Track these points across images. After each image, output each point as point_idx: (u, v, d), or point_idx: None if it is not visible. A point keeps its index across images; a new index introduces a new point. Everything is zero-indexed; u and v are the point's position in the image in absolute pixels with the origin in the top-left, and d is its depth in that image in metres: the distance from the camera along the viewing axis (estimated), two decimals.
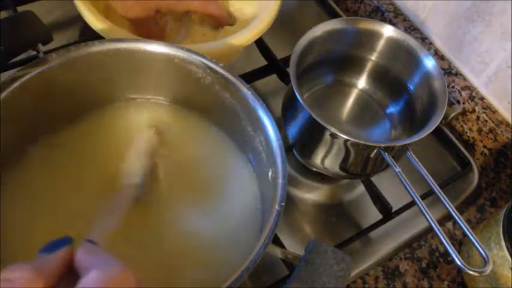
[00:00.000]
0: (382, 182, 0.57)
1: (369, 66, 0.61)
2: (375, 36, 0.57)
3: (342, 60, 0.61)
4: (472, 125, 0.65)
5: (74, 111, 0.49)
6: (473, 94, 0.64)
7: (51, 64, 0.45)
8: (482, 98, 0.64)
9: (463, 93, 0.65)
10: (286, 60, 0.55)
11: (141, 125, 0.50)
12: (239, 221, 0.47)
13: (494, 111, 0.63)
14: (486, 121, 0.62)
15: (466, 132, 0.66)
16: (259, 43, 0.65)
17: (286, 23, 0.71)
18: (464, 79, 0.66)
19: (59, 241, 0.28)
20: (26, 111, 0.44)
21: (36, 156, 0.46)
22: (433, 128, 0.49)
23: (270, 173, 0.44)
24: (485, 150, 0.64)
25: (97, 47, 0.45)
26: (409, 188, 0.47)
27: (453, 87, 0.66)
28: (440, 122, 0.50)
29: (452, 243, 0.51)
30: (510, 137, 0.61)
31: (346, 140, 0.48)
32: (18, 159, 0.45)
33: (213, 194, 0.48)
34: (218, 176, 0.49)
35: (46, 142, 0.47)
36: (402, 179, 0.48)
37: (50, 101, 0.46)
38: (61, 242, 0.28)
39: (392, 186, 0.57)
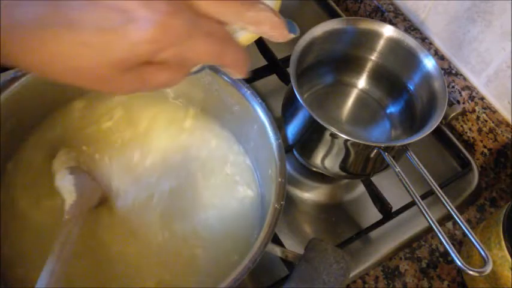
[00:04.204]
0: (382, 182, 0.57)
1: (368, 66, 0.61)
2: (375, 36, 0.57)
3: (342, 60, 0.60)
4: (472, 125, 0.65)
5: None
6: (473, 94, 0.64)
7: None
8: (482, 98, 0.64)
9: (463, 93, 0.65)
10: (286, 60, 0.55)
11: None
12: (239, 220, 0.47)
13: (494, 111, 0.63)
14: (486, 121, 0.62)
15: (466, 132, 0.66)
16: (259, 43, 0.65)
17: None
18: (464, 79, 0.66)
19: None
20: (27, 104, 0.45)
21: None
22: (433, 128, 0.49)
23: (269, 172, 0.44)
24: (485, 150, 0.64)
25: None
26: (409, 188, 0.47)
27: (453, 87, 0.66)
28: (440, 122, 0.50)
29: (452, 243, 0.50)
30: (510, 137, 0.60)
31: (346, 140, 0.48)
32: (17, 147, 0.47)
33: (213, 193, 0.48)
34: (218, 175, 0.49)
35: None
36: (402, 179, 0.48)
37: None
38: None
39: (392, 186, 0.57)
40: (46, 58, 0.25)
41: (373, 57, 0.59)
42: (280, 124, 0.51)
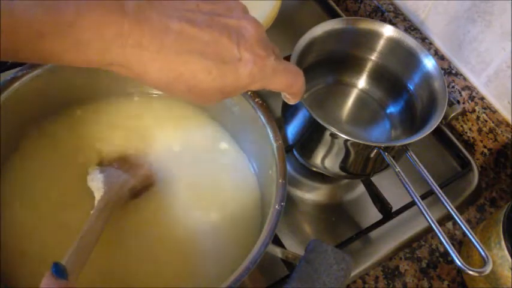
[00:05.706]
0: (382, 182, 0.57)
1: (368, 66, 0.61)
2: (374, 36, 0.57)
3: (342, 60, 0.60)
4: (472, 125, 0.65)
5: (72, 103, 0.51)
6: (473, 94, 0.64)
7: (50, 64, 0.45)
8: (482, 98, 0.64)
9: (463, 93, 0.65)
10: (286, 60, 0.55)
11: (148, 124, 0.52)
12: (239, 220, 0.47)
13: (494, 111, 0.63)
14: (486, 121, 0.62)
15: (466, 132, 0.66)
16: None
17: (286, 23, 0.70)
18: (464, 79, 0.66)
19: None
20: (27, 104, 0.45)
21: (31, 145, 0.48)
22: (433, 128, 0.49)
23: (270, 173, 0.44)
24: (485, 150, 0.64)
25: None
26: (409, 188, 0.47)
27: (453, 87, 0.66)
28: (440, 122, 0.50)
29: (452, 243, 0.50)
30: (510, 137, 0.60)
31: (346, 140, 0.48)
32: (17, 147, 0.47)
33: (213, 193, 0.48)
34: (219, 175, 0.49)
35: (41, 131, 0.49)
36: (402, 179, 0.48)
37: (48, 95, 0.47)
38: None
39: (392, 186, 0.57)
40: (173, 76, 0.30)
41: (373, 57, 0.59)
42: (280, 124, 0.51)
